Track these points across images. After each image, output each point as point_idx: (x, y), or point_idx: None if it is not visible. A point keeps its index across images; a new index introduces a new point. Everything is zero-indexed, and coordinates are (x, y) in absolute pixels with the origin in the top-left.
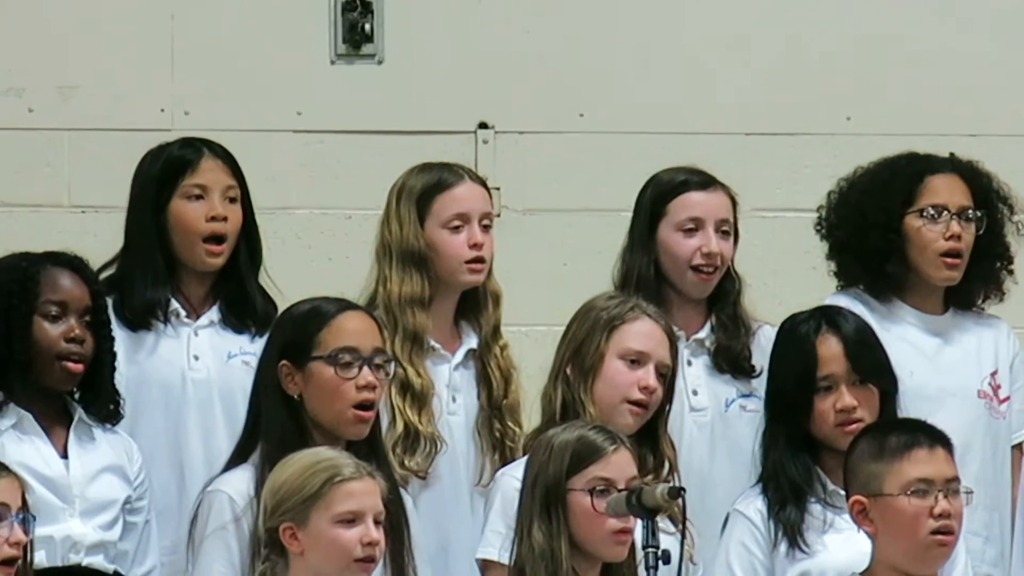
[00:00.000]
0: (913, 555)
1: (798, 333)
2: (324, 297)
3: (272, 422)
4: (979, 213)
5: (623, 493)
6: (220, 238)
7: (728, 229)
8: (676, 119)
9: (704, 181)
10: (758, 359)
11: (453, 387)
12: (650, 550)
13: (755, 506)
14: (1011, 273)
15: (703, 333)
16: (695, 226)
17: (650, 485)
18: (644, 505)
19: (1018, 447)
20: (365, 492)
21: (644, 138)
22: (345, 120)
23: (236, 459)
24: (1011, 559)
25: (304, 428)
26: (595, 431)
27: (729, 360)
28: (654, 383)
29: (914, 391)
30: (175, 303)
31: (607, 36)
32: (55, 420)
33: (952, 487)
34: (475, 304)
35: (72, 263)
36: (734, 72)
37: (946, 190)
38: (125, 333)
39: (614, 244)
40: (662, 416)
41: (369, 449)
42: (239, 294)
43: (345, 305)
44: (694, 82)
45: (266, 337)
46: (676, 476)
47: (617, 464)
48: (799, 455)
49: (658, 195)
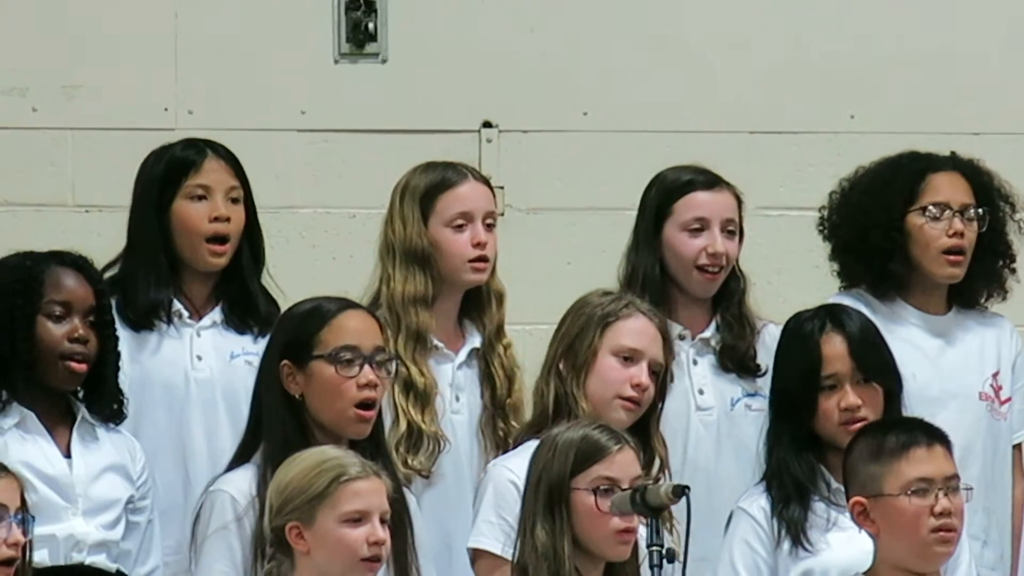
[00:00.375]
0: (916, 554)
1: (802, 331)
2: (325, 296)
3: (274, 422)
4: (981, 211)
5: (627, 492)
6: (223, 238)
7: (733, 229)
8: (679, 118)
9: (710, 181)
10: (763, 358)
11: (456, 386)
12: (654, 549)
13: (759, 504)
14: (1013, 271)
15: (708, 332)
16: (701, 226)
17: (654, 484)
18: (648, 504)
19: (1018, 447)
20: (371, 491)
21: (648, 137)
22: (349, 119)
23: (239, 459)
24: (1013, 560)
25: (306, 428)
26: (599, 430)
27: (735, 359)
28: (646, 381)
29: (916, 393)
30: (178, 304)
31: (610, 35)
32: (58, 419)
33: (952, 484)
34: (479, 303)
35: (76, 263)
36: (737, 71)
37: (948, 188)
38: (128, 333)
39: (618, 243)
40: (654, 414)
41: (373, 448)
42: (242, 294)
43: (346, 304)
44: (697, 81)
45: (268, 337)
46: (667, 473)
47: (621, 463)
48: (803, 453)
49: (663, 195)
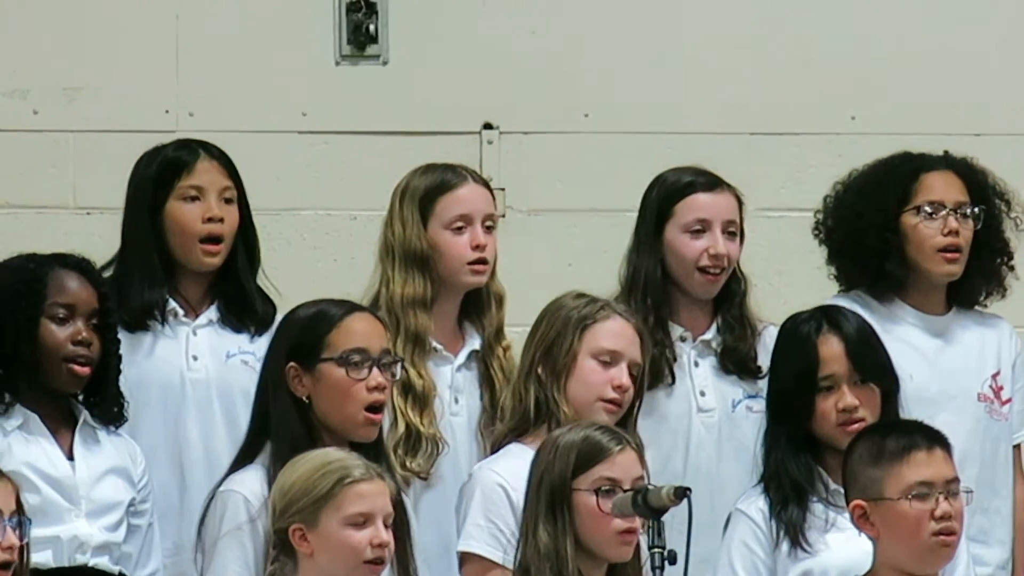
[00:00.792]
0: (916, 557)
1: (799, 333)
2: (328, 299)
3: (283, 423)
4: (976, 209)
5: (629, 493)
6: (217, 239)
7: (735, 230)
8: (680, 119)
9: (711, 182)
10: (764, 360)
11: (455, 388)
12: (656, 550)
13: (757, 505)
14: (1012, 268)
15: (709, 334)
16: (702, 227)
17: (656, 486)
18: (650, 505)
19: (1019, 448)
20: (375, 494)
21: (648, 138)
22: (350, 121)
23: (242, 460)
24: (1016, 562)
25: (313, 429)
26: (601, 431)
27: (736, 361)
28: (627, 382)
29: (914, 394)
30: (173, 302)
31: (611, 36)
32: (60, 422)
33: (952, 488)
34: (478, 305)
35: (80, 265)
36: (738, 72)
37: (942, 187)
38: (123, 334)
39: (619, 244)
40: (632, 414)
41: (375, 450)
42: (238, 293)
43: (352, 306)
44: (698, 82)
45: (270, 339)
46: (645, 473)
47: (623, 464)
48: (801, 455)
49: (664, 196)
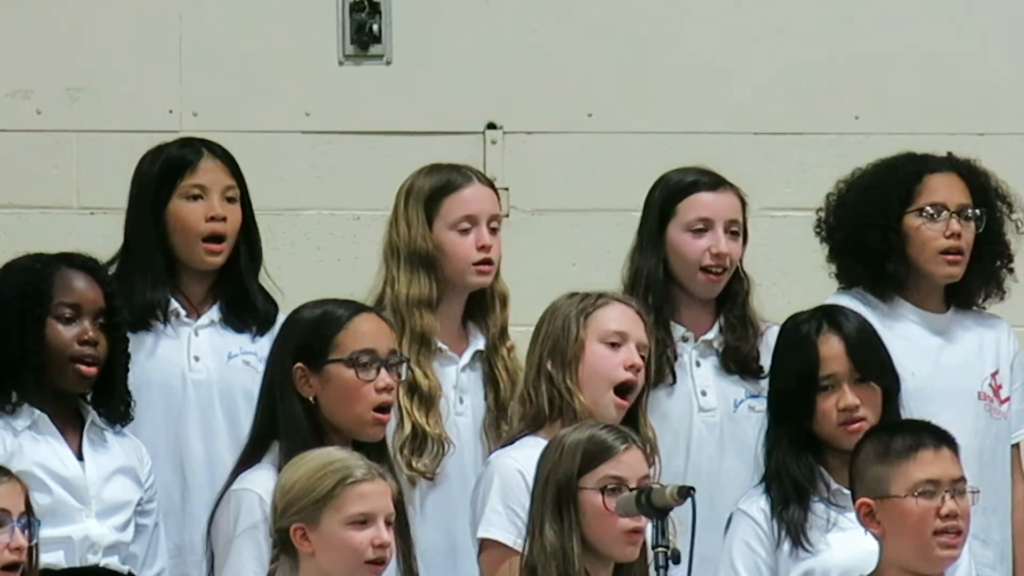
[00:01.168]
0: (921, 556)
1: (800, 332)
2: (333, 299)
3: (292, 424)
4: (978, 211)
5: (633, 492)
6: (219, 238)
7: (737, 230)
8: (684, 119)
9: (714, 182)
10: (766, 360)
11: (460, 388)
12: (660, 550)
13: (758, 505)
14: (1011, 272)
15: (712, 334)
16: (704, 227)
17: (660, 485)
18: (654, 504)
19: (1018, 447)
20: (377, 494)
21: (652, 138)
22: (353, 121)
23: (248, 460)
24: (1014, 561)
25: (320, 430)
26: (606, 430)
27: (738, 361)
28: (639, 361)
29: (915, 392)
30: (175, 303)
31: (615, 36)
32: (67, 422)
33: (958, 487)
34: (482, 305)
35: (86, 265)
36: (742, 72)
37: (944, 189)
38: None
39: (622, 244)
40: (642, 400)
41: (377, 450)
42: (239, 293)
43: (359, 307)
44: (702, 82)
45: (274, 339)
46: (657, 458)
47: (628, 463)
48: (802, 454)
49: (667, 195)
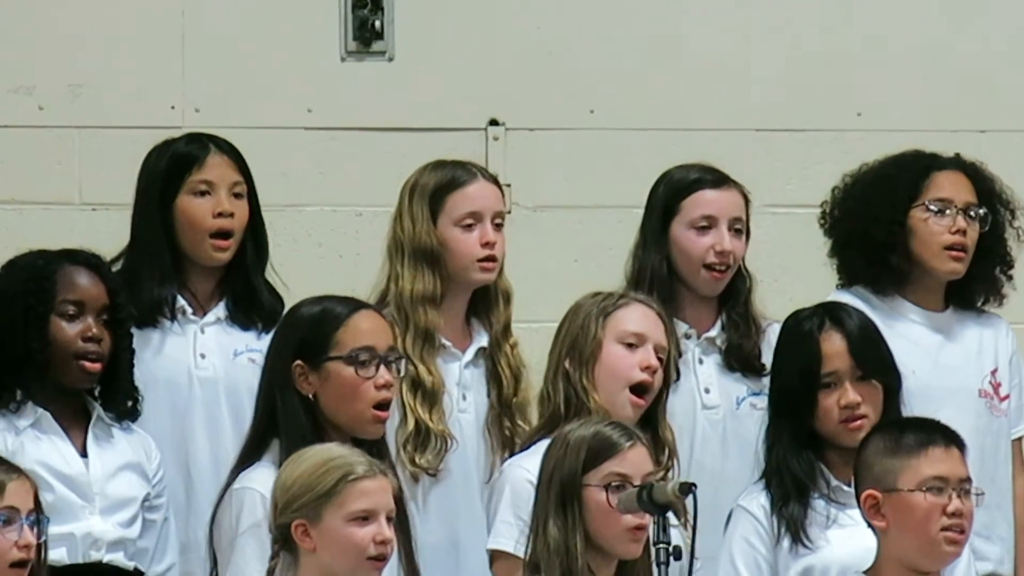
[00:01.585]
0: (924, 552)
1: (802, 330)
2: (332, 296)
3: (292, 421)
4: (983, 211)
5: (634, 490)
6: (226, 234)
7: (741, 228)
8: (686, 115)
9: (718, 179)
10: (767, 358)
11: (463, 385)
12: (661, 546)
13: (758, 502)
14: (1010, 278)
15: (714, 331)
16: (708, 224)
17: (661, 482)
18: (655, 501)
19: (1018, 442)
20: (378, 490)
21: (655, 134)
22: (356, 117)
23: (248, 457)
24: (1016, 556)
25: (319, 427)
26: (611, 427)
27: (740, 359)
28: (655, 363)
29: (916, 390)
30: (181, 299)
31: (617, 33)
32: (73, 419)
33: (965, 487)
34: (486, 302)
35: (89, 261)
36: (744, 68)
37: (951, 186)
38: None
39: (625, 240)
40: (660, 402)
41: (378, 446)
42: (246, 289)
43: (357, 304)
44: (704, 78)
45: (273, 336)
46: (676, 461)
47: (633, 460)
48: (803, 451)
49: (671, 192)
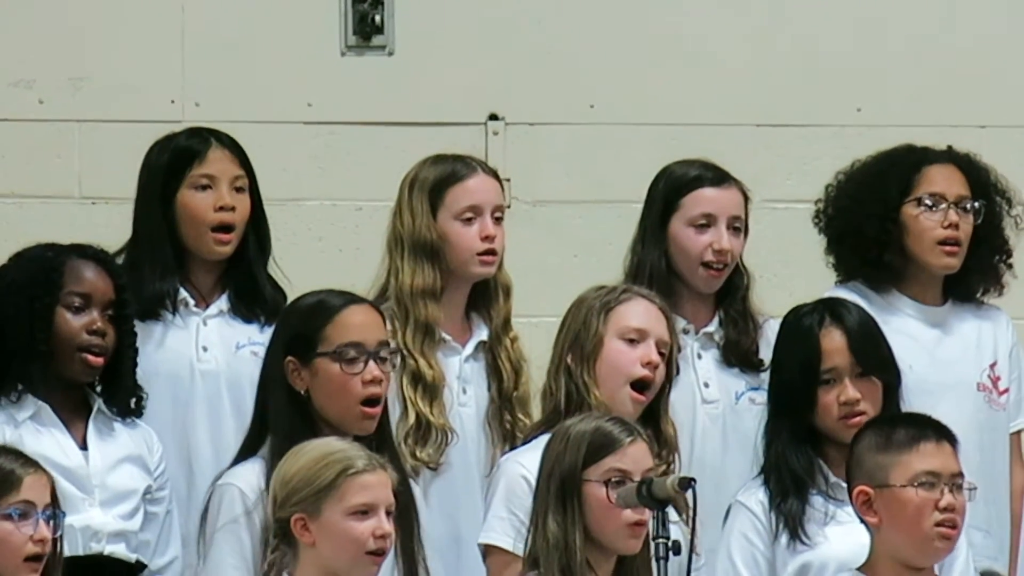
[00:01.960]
0: (916, 547)
1: (801, 326)
2: (329, 290)
3: (280, 417)
4: (977, 204)
5: (634, 484)
6: (228, 227)
7: (740, 226)
8: (686, 110)
9: (718, 177)
10: (765, 354)
11: (464, 379)
12: (660, 541)
13: (757, 497)
14: (1010, 267)
15: (712, 327)
16: (707, 222)
17: (660, 477)
18: (655, 496)
19: (1016, 435)
20: (378, 484)
21: (654, 129)
22: (355, 112)
23: (245, 452)
24: (1012, 549)
25: (312, 423)
26: (612, 422)
27: (738, 355)
28: (656, 358)
29: (914, 385)
30: (184, 292)
31: (617, 27)
32: (74, 411)
33: (957, 482)
34: (486, 296)
35: (97, 256)
36: (744, 63)
37: (943, 180)
38: None
39: (624, 235)
40: (662, 397)
41: (379, 440)
42: (248, 283)
43: (349, 299)
44: (704, 73)
45: (272, 330)
46: (676, 456)
47: (633, 456)
48: (802, 447)
49: (671, 189)
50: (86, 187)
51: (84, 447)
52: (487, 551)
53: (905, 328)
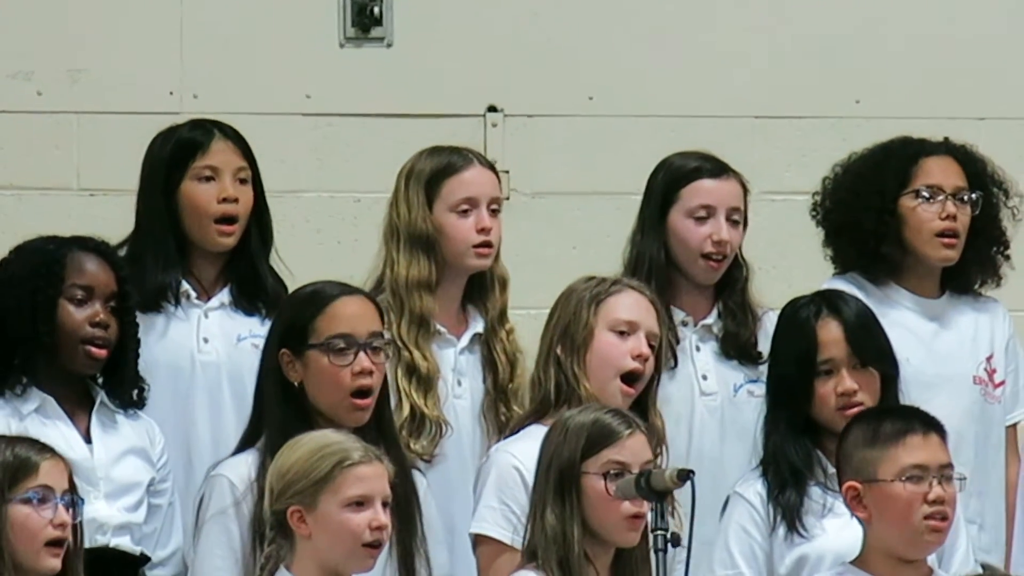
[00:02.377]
0: (907, 540)
1: (799, 317)
2: (326, 281)
3: (273, 409)
4: (974, 195)
5: (632, 476)
6: (231, 219)
7: (738, 218)
8: (685, 102)
9: (717, 168)
10: (764, 346)
11: (459, 371)
12: (659, 532)
13: (755, 489)
14: (1007, 258)
15: (711, 319)
16: (706, 213)
17: (659, 469)
18: (653, 488)
19: (1012, 429)
20: (374, 476)
21: (653, 121)
22: (354, 103)
23: (244, 445)
24: (1007, 542)
25: (307, 415)
26: (610, 414)
27: (737, 347)
28: (646, 351)
29: (910, 377)
30: (186, 284)
31: (616, 19)
32: (77, 404)
33: (946, 473)
34: (482, 288)
35: (99, 248)
36: (743, 55)
37: (940, 171)
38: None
39: (623, 227)
40: (651, 389)
41: (378, 432)
42: (250, 275)
43: (341, 290)
44: (703, 65)
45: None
46: (664, 448)
47: (632, 448)
48: (800, 439)
49: (670, 180)
50: (84, 179)
51: (88, 440)
52: (477, 541)
53: (902, 320)
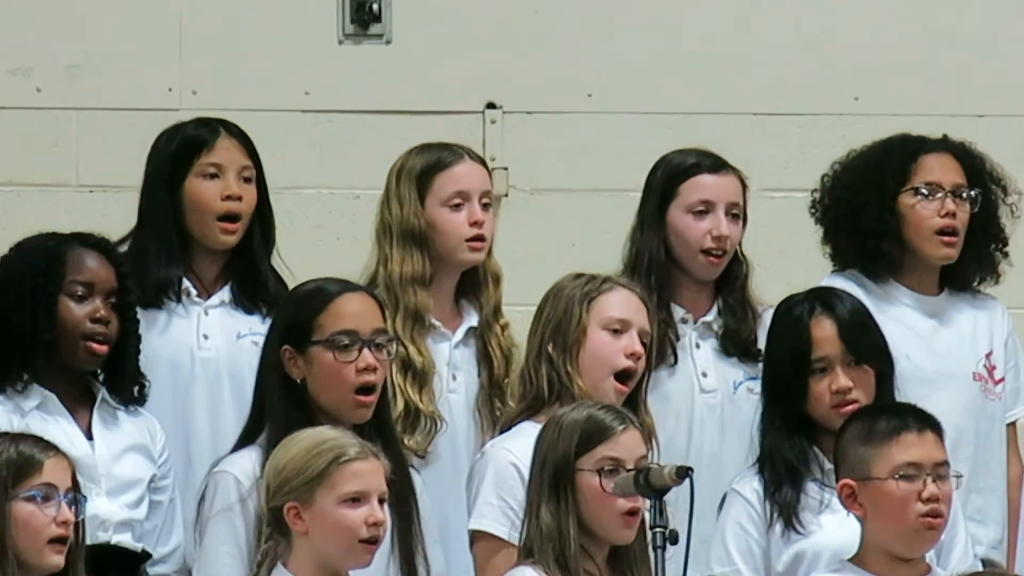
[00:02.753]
0: (902, 538)
1: (793, 315)
2: (326, 279)
3: (276, 406)
4: (973, 192)
5: (631, 473)
6: (234, 217)
7: (738, 213)
8: (684, 99)
9: (715, 164)
10: (763, 343)
11: (453, 365)
12: (658, 530)
13: (751, 486)
14: (1006, 255)
15: (710, 316)
16: (706, 209)
17: (658, 466)
18: (652, 485)
19: (1012, 426)
20: (370, 472)
21: (652, 118)
22: (353, 100)
23: (244, 441)
24: (1010, 539)
25: (309, 411)
26: (604, 410)
27: (736, 344)
28: (640, 349)
29: (910, 374)
30: (187, 281)
31: (615, 16)
32: (78, 401)
33: (941, 471)
34: (475, 283)
35: (99, 244)
36: (742, 52)
37: (939, 169)
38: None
39: (622, 224)
40: (642, 386)
41: (377, 428)
42: (251, 273)
43: (344, 287)
44: (702, 62)
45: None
46: (655, 445)
47: (626, 444)
48: (796, 436)
49: (669, 177)
50: (84, 175)
51: (89, 436)
52: (475, 537)
53: (902, 318)
